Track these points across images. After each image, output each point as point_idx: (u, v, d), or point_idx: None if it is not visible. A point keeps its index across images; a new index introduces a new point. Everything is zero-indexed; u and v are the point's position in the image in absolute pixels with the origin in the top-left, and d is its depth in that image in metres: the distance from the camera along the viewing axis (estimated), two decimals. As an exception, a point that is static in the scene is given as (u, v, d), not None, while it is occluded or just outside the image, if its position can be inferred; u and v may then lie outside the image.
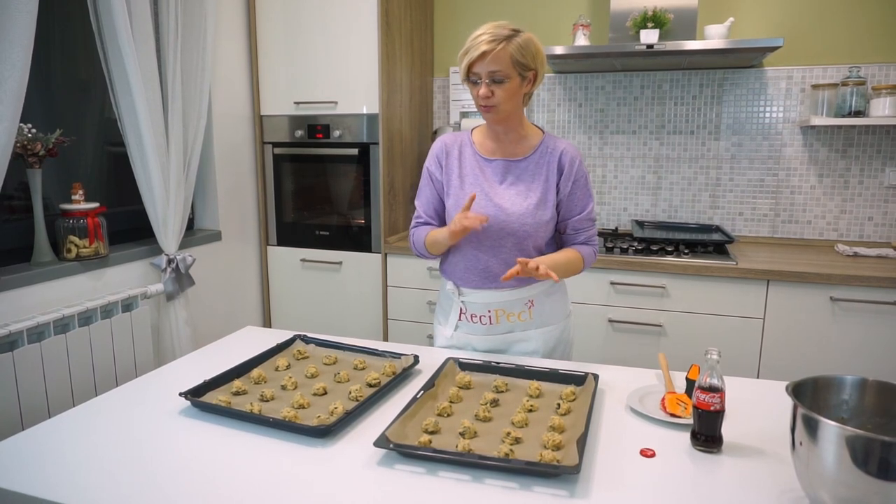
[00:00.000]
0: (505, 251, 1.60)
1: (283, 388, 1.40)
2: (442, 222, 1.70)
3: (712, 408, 1.12)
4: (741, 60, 2.63)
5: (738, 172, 2.85)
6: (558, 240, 1.69)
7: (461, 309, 1.67)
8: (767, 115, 2.78)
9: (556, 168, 1.59)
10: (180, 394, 1.31)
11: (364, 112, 2.73)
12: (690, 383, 1.32)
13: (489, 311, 1.64)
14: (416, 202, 1.74)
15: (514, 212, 1.57)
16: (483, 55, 1.47)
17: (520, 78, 1.52)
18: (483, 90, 1.50)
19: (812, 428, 0.90)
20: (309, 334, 1.70)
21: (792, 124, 2.75)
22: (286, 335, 1.73)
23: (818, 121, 2.54)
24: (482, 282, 1.62)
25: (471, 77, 1.52)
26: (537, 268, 1.42)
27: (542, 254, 1.63)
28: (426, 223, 1.71)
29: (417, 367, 1.52)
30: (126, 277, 2.22)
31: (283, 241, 2.97)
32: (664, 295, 2.42)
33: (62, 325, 1.93)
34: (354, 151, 2.80)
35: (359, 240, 2.83)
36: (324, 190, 3.27)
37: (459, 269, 1.65)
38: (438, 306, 1.78)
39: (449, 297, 1.69)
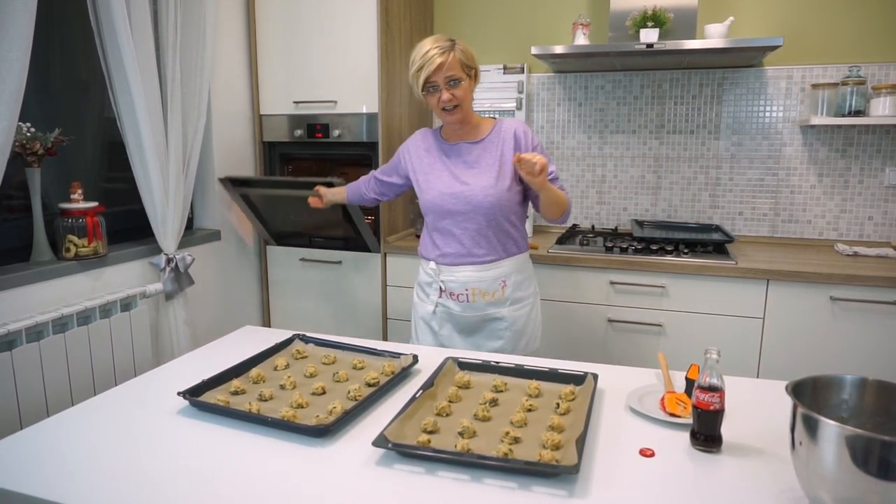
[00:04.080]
0: (476, 225, 1.81)
1: (282, 387, 1.39)
2: (384, 188, 2.09)
3: (712, 407, 1.12)
4: (741, 60, 2.62)
5: (738, 172, 2.85)
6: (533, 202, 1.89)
7: (441, 287, 1.87)
8: (767, 114, 2.78)
9: (511, 143, 1.82)
10: (179, 393, 1.31)
11: (364, 111, 2.72)
12: (690, 383, 1.32)
13: (466, 290, 1.84)
14: (382, 166, 2.09)
15: (477, 185, 1.79)
16: (440, 66, 1.72)
17: (468, 78, 1.79)
18: (445, 95, 1.75)
19: (812, 427, 0.90)
20: (308, 334, 1.70)
21: (792, 124, 2.75)
22: (285, 334, 1.73)
23: (818, 120, 2.53)
24: (459, 259, 1.84)
25: (428, 87, 1.76)
26: (524, 161, 1.65)
27: (513, 226, 1.85)
28: (362, 181, 2.14)
29: (416, 366, 1.52)
30: (125, 277, 2.22)
31: (282, 240, 2.97)
32: (664, 294, 2.42)
33: (61, 325, 1.92)
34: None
35: (358, 239, 2.82)
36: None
37: (438, 249, 1.87)
38: (418, 284, 1.99)
39: (430, 276, 1.90)
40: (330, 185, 2.32)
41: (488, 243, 1.83)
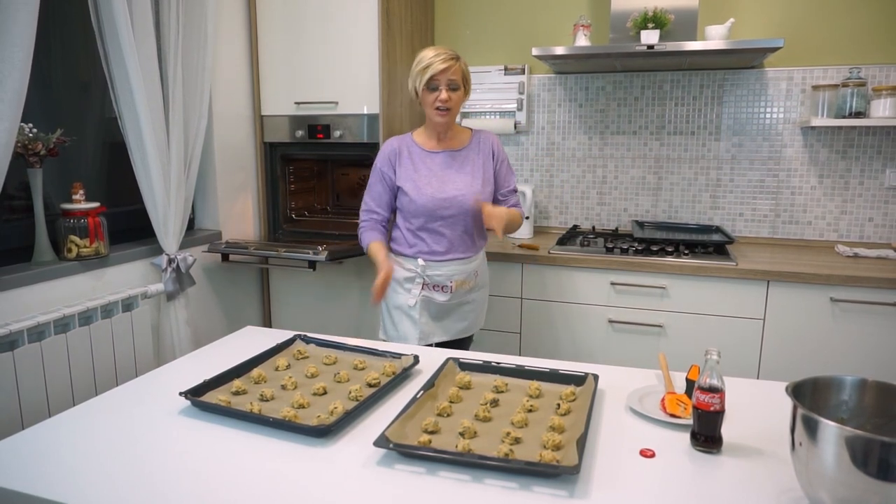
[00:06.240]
0: (464, 226, 2.03)
1: (283, 387, 1.40)
2: (389, 212, 2.10)
3: (712, 408, 1.12)
4: (742, 61, 2.63)
5: (739, 173, 2.85)
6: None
7: (425, 281, 2.03)
8: (768, 115, 2.78)
9: (490, 152, 2.08)
10: (180, 393, 1.32)
11: (365, 112, 2.73)
12: (690, 384, 1.32)
13: (451, 282, 2.04)
14: (367, 196, 2.11)
15: (467, 192, 2.00)
16: (447, 69, 1.91)
17: (463, 90, 1.99)
18: (444, 94, 1.93)
19: (812, 428, 0.90)
20: (309, 334, 1.70)
21: (792, 125, 2.75)
22: (286, 335, 1.73)
23: (818, 122, 2.54)
24: (447, 256, 2.03)
25: (430, 85, 1.93)
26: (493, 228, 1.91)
27: (483, 225, 2.02)
28: (374, 219, 2.08)
29: (417, 367, 1.52)
30: (126, 277, 2.23)
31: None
32: (664, 295, 2.42)
33: (62, 325, 1.93)
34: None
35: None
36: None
37: (427, 246, 2.03)
38: (395, 280, 2.05)
39: (413, 272, 2.04)
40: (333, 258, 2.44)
41: (471, 241, 2.08)
